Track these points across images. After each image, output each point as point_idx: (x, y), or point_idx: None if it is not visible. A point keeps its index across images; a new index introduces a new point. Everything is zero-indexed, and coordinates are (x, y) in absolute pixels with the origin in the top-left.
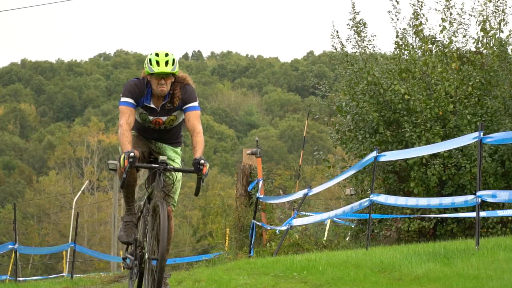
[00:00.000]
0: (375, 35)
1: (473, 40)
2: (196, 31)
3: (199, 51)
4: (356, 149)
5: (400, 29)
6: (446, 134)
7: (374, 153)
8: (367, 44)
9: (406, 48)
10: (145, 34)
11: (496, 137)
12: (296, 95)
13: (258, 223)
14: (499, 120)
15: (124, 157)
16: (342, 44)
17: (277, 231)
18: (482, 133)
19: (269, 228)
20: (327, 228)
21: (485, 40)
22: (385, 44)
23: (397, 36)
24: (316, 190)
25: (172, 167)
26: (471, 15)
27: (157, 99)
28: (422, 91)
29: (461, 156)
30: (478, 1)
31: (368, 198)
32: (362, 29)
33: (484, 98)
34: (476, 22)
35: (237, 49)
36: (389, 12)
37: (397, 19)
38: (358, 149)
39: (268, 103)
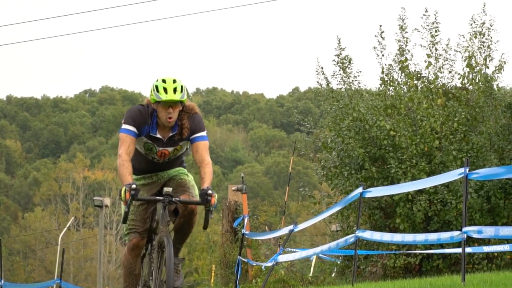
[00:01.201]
0: (361, 71)
1: (459, 76)
2: (181, 67)
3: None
4: (341, 185)
5: (385, 65)
6: (431, 170)
7: (360, 189)
8: (353, 80)
9: (391, 84)
10: (131, 70)
11: (482, 173)
12: (281, 131)
13: (243, 259)
14: (485, 156)
15: (125, 190)
16: (328, 80)
17: (263, 267)
18: (467, 169)
19: (254, 264)
20: (313, 264)
21: (470, 76)
22: (370, 80)
23: (382, 72)
24: (302, 226)
25: (178, 199)
26: (457, 51)
27: (163, 129)
28: (408, 127)
29: (447, 192)
30: (464, 37)
31: (354, 234)
32: (348, 65)
33: (469, 134)
34: (462, 58)
35: (222, 85)
36: (374, 48)
37: (383, 55)
38: (344, 185)
39: (253, 139)
